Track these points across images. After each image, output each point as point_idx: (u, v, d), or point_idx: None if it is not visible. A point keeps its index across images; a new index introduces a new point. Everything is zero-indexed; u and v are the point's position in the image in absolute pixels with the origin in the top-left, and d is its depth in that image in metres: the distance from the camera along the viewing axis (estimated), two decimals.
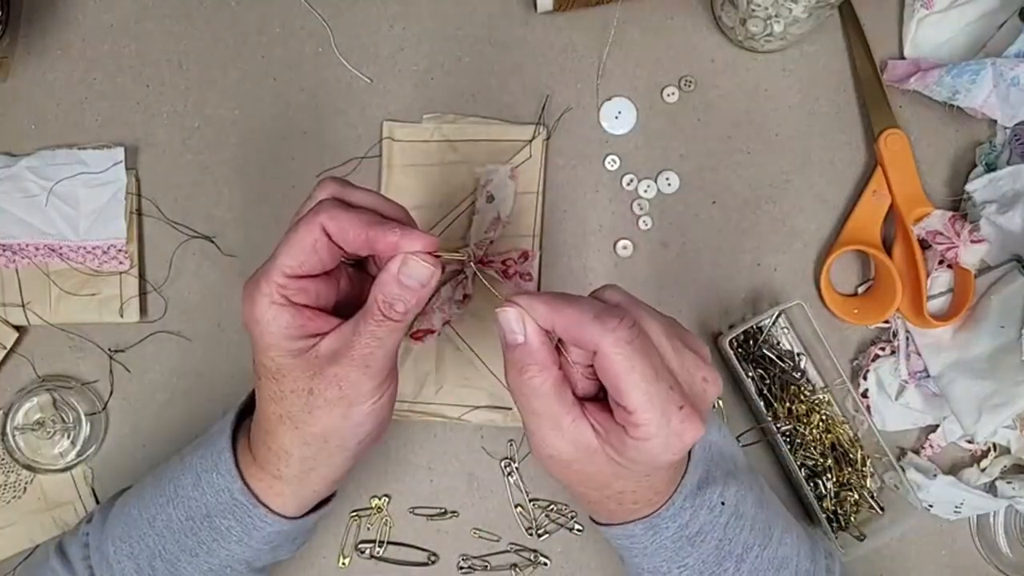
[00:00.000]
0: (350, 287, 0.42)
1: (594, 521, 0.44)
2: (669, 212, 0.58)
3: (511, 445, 0.57)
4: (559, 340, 0.38)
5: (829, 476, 0.54)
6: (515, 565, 0.56)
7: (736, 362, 0.55)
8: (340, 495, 0.57)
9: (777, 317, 0.56)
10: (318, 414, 0.39)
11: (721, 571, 0.41)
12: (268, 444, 0.41)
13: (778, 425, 0.54)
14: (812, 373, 0.57)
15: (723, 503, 0.42)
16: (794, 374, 0.56)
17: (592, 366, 0.36)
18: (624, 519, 0.41)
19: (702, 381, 0.37)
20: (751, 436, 0.56)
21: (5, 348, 0.57)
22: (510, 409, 0.56)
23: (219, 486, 0.42)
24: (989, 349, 0.53)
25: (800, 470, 0.54)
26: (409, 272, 0.38)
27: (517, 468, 0.57)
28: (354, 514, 0.57)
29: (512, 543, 0.57)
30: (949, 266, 0.55)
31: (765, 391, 0.55)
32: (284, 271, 0.38)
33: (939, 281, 0.55)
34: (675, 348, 0.37)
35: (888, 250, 0.56)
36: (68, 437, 0.57)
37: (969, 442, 0.56)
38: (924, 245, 0.55)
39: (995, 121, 0.55)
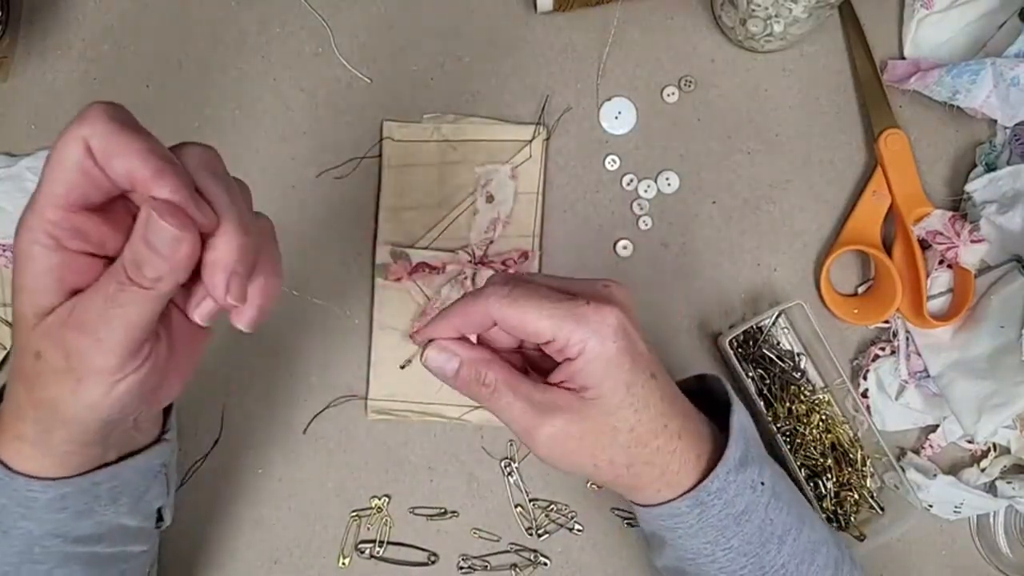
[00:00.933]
0: None
1: (639, 505, 0.42)
2: (669, 212, 0.58)
3: (511, 445, 0.57)
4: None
5: (829, 476, 0.54)
6: (515, 565, 0.56)
7: (736, 362, 0.55)
8: (340, 495, 0.57)
9: (777, 317, 0.56)
10: (44, 381, 0.33)
11: (764, 552, 0.40)
12: (8, 399, 0.36)
13: (778, 425, 0.54)
14: (812, 373, 0.57)
15: (763, 483, 0.41)
16: (794, 374, 0.56)
17: (520, 347, 0.39)
18: (667, 496, 0.40)
19: (602, 288, 0.38)
20: None
21: (5, 348, 0.57)
22: None
23: None
24: (989, 349, 0.53)
25: (800, 470, 0.54)
26: (153, 232, 0.30)
27: (517, 468, 0.57)
28: (354, 514, 0.57)
29: (512, 543, 0.57)
30: (949, 266, 0.55)
31: (765, 391, 0.55)
32: (53, 201, 0.32)
33: (939, 281, 0.55)
34: (562, 281, 0.38)
35: (888, 250, 0.56)
36: None
37: (969, 442, 0.56)
38: (924, 245, 0.55)
39: (995, 121, 0.55)
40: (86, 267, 0.33)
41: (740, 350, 0.56)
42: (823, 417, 0.55)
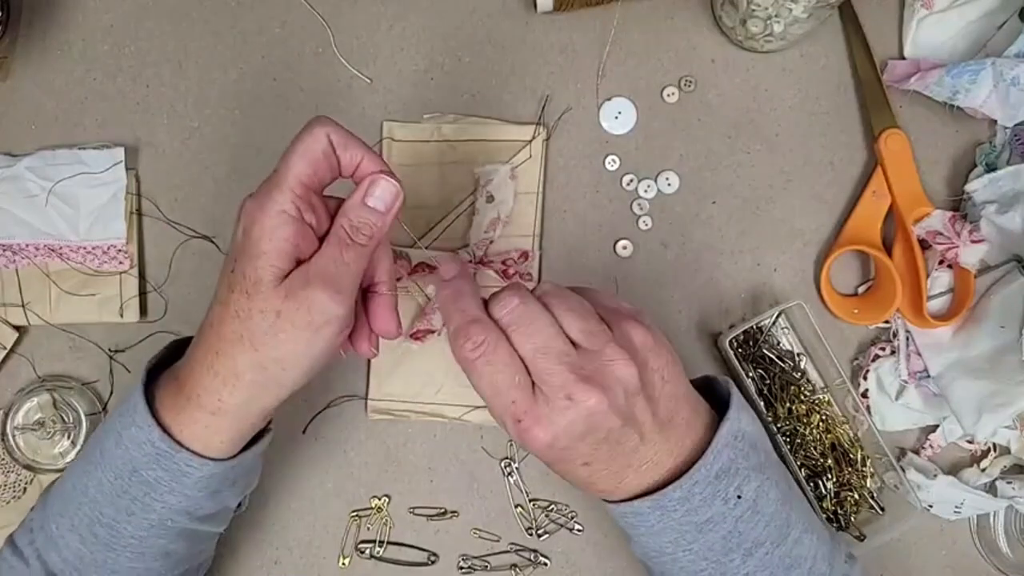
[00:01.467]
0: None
1: (604, 500, 0.43)
2: (669, 212, 0.58)
3: (511, 445, 0.57)
4: None
5: (829, 476, 0.54)
6: (515, 565, 0.56)
7: (736, 362, 0.55)
8: (340, 495, 0.57)
9: (777, 317, 0.56)
10: (282, 337, 0.39)
11: (727, 560, 0.41)
12: (216, 368, 0.40)
13: (778, 425, 0.54)
14: (812, 373, 0.57)
15: (739, 496, 0.41)
16: (794, 374, 0.56)
17: None
18: (629, 494, 0.41)
19: (607, 362, 0.38)
20: None
21: (5, 348, 0.57)
22: None
23: (139, 438, 0.41)
24: (989, 349, 0.53)
25: (800, 470, 0.54)
26: (376, 193, 0.41)
27: (517, 468, 0.57)
28: (354, 514, 0.57)
29: (512, 543, 0.57)
30: (949, 266, 0.55)
31: (765, 391, 0.55)
32: (301, 179, 0.39)
33: (939, 281, 0.55)
34: (578, 314, 0.39)
35: (888, 250, 0.56)
36: (68, 437, 0.57)
37: (969, 442, 0.56)
38: (924, 245, 0.55)
39: (995, 121, 0.55)
40: (311, 240, 0.40)
41: (740, 350, 0.56)
42: (823, 417, 0.55)
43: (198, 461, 0.41)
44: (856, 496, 0.55)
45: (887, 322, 0.57)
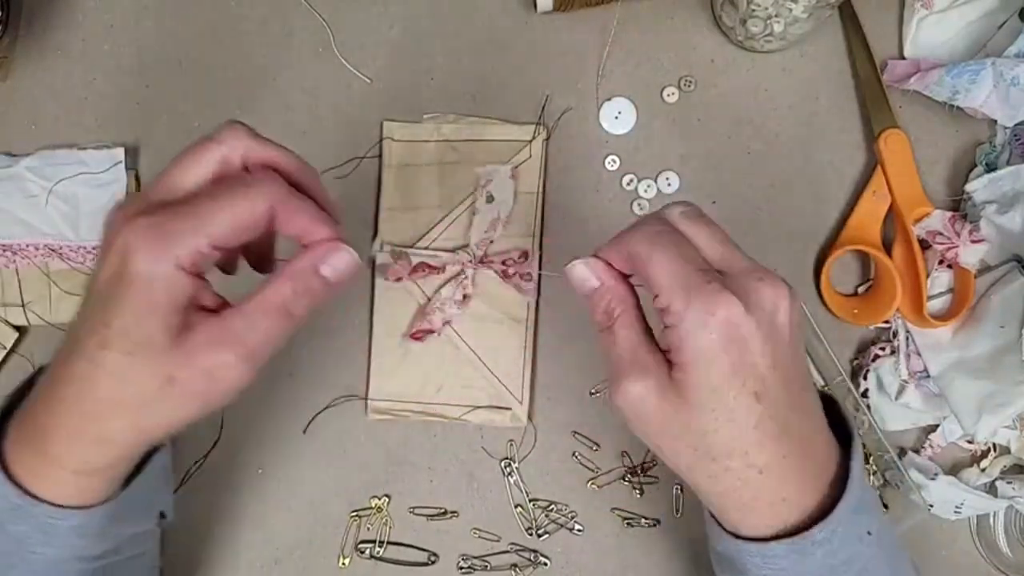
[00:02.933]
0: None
1: (729, 533, 0.37)
2: None
3: (511, 445, 0.57)
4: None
5: None
6: (515, 565, 0.56)
7: None
8: (340, 495, 0.57)
9: None
10: (172, 405, 0.34)
11: None
12: (85, 431, 0.34)
13: None
14: (812, 372, 0.57)
15: (870, 532, 0.36)
16: None
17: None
18: (764, 529, 0.35)
19: (756, 279, 0.34)
20: None
21: (5, 348, 0.57)
22: (510, 409, 0.56)
23: None
24: (989, 349, 0.53)
25: None
26: (334, 263, 0.35)
27: (517, 468, 0.57)
28: (354, 514, 0.57)
29: (512, 543, 0.57)
30: (949, 266, 0.55)
31: None
32: (212, 241, 0.33)
33: (939, 281, 0.55)
34: (724, 246, 0.36)
35: (888, 250, 0.56)
36: None
37: (969, 442, 0.56)
38: (924, 245, 0.55)
39: (995, 121, 0.55)
40: (202, 289, 0.35)
41: None
42: None
43: (62, 513, 0.36)
44: None
45: (887, 322, 0.57)
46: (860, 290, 0.58)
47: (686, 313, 0.33)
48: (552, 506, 0.57)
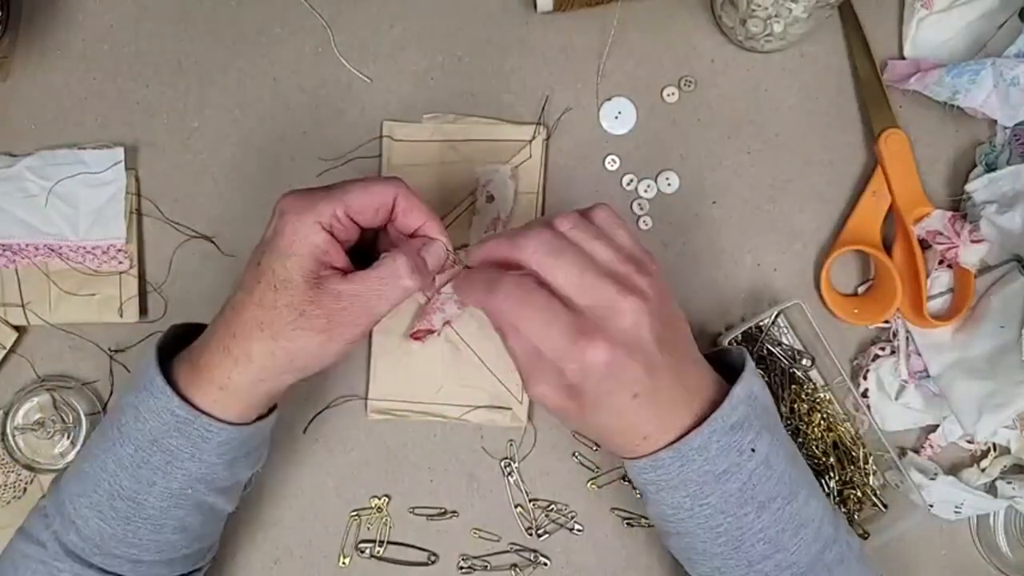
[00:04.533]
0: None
1: (622, 458, 0.45)
2: (669, 212, 0.58)
3: (511, 445, 0.57)
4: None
5: (832, 475, 0.54)
6: (515, 565, 0.56)
7: None
8: (340, 495, 0.57)
9: (776, 317, 0.56)
10: (300, 334, 0.42)
11: (742, 513, 0.42)
12: (230, 348, 0.43)
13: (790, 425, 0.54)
14: (812, 372, 0.57)
15: (753, 450, 0.42)
16: (794, 373, 0.56)
17: None
18: (651, 450, 0.43)
19: (611, 311, 0.40)
20: None
21: (5, 348, 0.57)
22: (510, 409, 0.56)
23: (158, 408, 0.43)
24: (989, 349, 0.53)
25: None
26: (431, 252, 0.45)
27: (517, 468, 0.57)
28: (354, 514, 0.57)
29: (512, 543, 0.57)
30: (949, 266, 0.55)
31: None
32: (350, 206, 0.43)
33: (939, 281, 0.55)
34: (579, 280, 0.41)
35: (888, 250, 0.56)
36: (68, 437, 0.57)
37: (969, 442, 0.56)
38: (924, 245, 0.55)
39: (995, 121, 0.55)
40: (340, 254, 0.43)
41: None
42: (824, 416, 0.55)
43: (217, 425, 0.43)
44: (859, 494, 0.55)
45: (887, 322, 0.57)
46: (860, 290, 0.58)
47: (566, 368, 0.40)
48: (552, 506, 0.57)
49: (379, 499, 0.57)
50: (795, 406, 0.55)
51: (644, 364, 0.41)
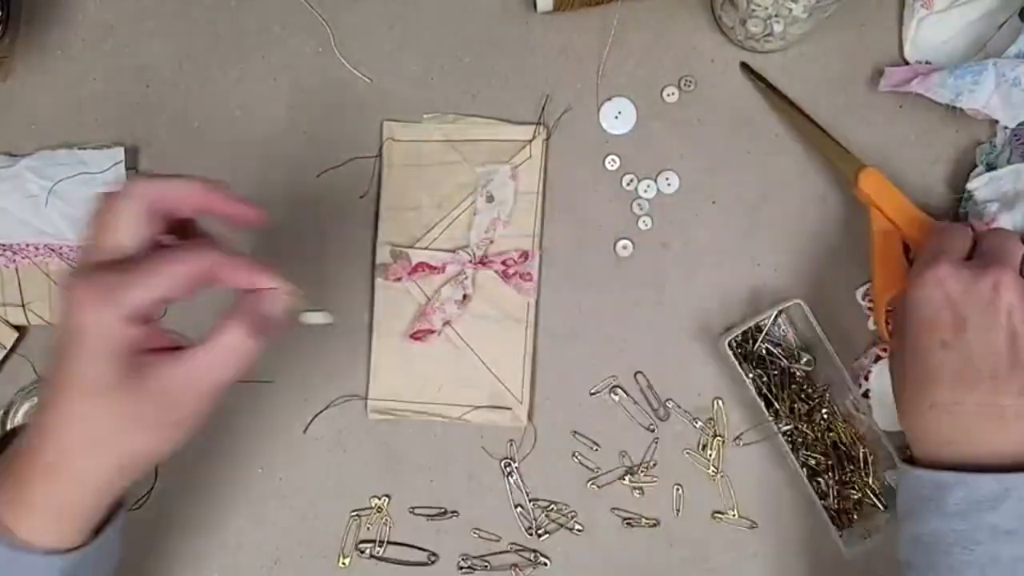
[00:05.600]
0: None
1: (905, 463, 0.44)
2: (669, 212, 0.58)
3: (511, 445, 0.57)
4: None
5: (832, 475, 0.54)
6: (515, 565, 0.56)
7: (736, 362, 0.55)
8: (340, 495, 0.57)
9: (776, 317, 0.56)
10: (135, 439, 0.37)
11: None
12: (58, 474, 0.37)
13: (779, 424, 0.54)
14: (812, 372, 0.57)
15: None
16: (794, 373, 0.56)
17: None
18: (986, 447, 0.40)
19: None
20: (752, 436, 0.56)
21: (5, 348, 0.57)
22: (510, 409, 0.56)
23: None
24: None
25: (802, 469, 0.54)
26: (273, 303, 0.40)
27: (517, 468, 0.57)
28: (354, 514, 0.57)
29: (512, 543, 0.57)
30: None
31: (765, 391, 0.55)
32: (156, 298, 0.36)
33: None
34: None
35: None
36: None
37: None
38: None
39: (995, 121, 0.55)
40: (155, 334, 0.39)
41: (740, 350, 0.56)
42: (824, 416, 0.55)
43: (44, 558, 0.37)
44: (859, 494, 0.55)
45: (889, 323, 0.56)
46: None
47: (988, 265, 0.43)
48: (552, 506, 0.57)
49: (379, 499, 0.57)
50: (795, 406, 0.55)
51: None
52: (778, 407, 0.55)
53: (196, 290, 0.38)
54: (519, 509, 0.57)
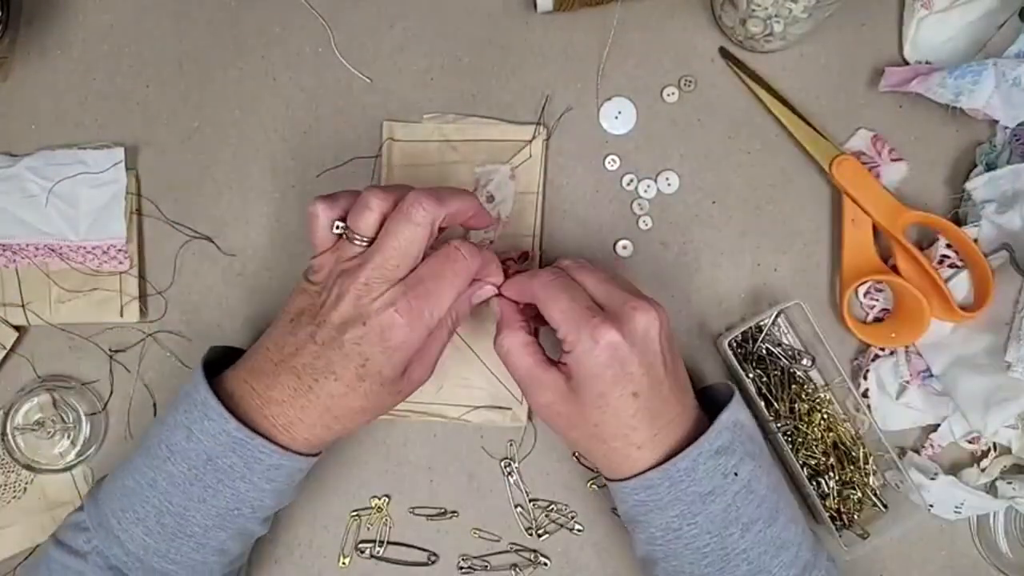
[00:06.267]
0: None
1: (610, 480, 0.47)
2: (669, 212, 0.58)
3: (511, 445, 0.57)
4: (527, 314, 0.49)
5: (832, 475, 0.54)
6: (515, 565, 0.56)
7: (735, 362, 0.55)
8: (340, 495, 0.57)
9: (776, 317, 0.56)
10: (396, 400, 0.47)
11: (726, 534, 0.45)
12: (328, 424, 0.46)
13: (779, 424, 0.54)
14: (813, 372, 0.57)
15: (736, 474, 0.45)
16: (794, 373, 0.56)
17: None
18: (641, 468, 0.45)
19: (630, 309, 0.45)
20: None
21: (5, 348, 0.57)
22: (510, 409, 0.56)
23: (214, 430, 0.45)
24: (989, 345, 0.53)
25: (803, 469, 0.54)
26: (481, 295, 0.50)
27: (517, 468, 0.57)
28: (354, 514, 0.57)
29: (512, 543, 0.57)
30: (952, 265, 0.55)
31: (765, 391, 0.55)
32: (447, 307, 0.46)
33: (959, 283, 0.55)
34: (605, 285, 0.47)
35: (890, 263, 0.56)
36: (68, 437, 0.57)
37: (969, 442, 0.56)
38: (920, 247, 0.55)
39: (995, 121, 0.55)
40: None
41: (740, 350, 0.56)
42: (824, 416, 0.55)
43: (270, 447, 0.45)
44: (859, 494, 0.55)
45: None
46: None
47: (577, 343, 0.44)
48: (552, 506, 0.57)
49: (379, 499, 0.57)
50: (795, 406, 0.55)
51: (647, 367, 0.44)
52: (778, 407, 0.55)
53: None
54: (519, 509, 0.57)
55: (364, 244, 0.45)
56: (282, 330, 0.46)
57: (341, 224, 0.46)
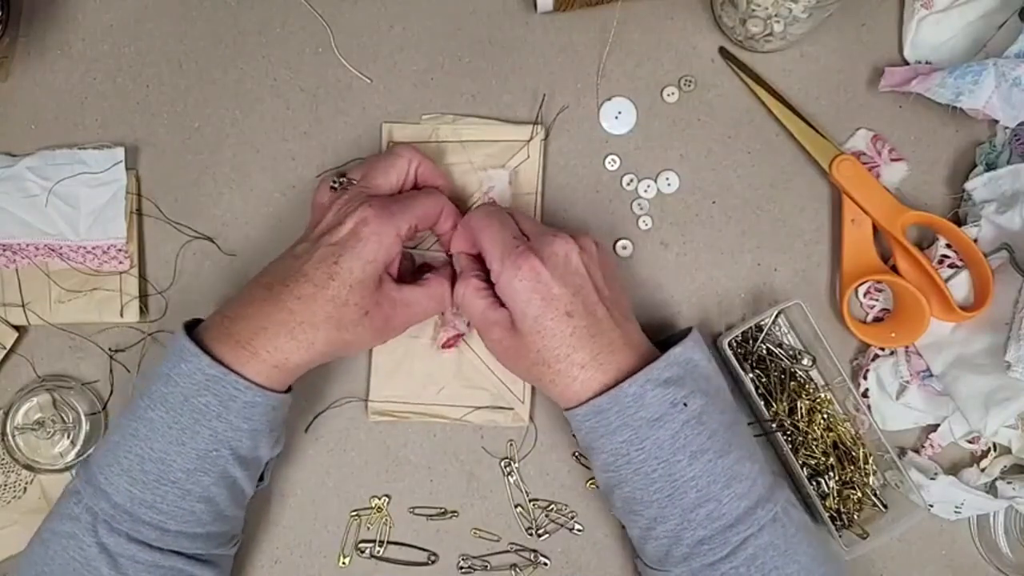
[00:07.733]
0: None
1: (566, 411, 0.49)
2: (669, 212, 0.58)
3: (511, 445, 0.57)
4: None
5: (831, 475, 0.54)
6: (515, 565, 0.56)
7: (736, 362, 0.55)
8: (340, 495, 0.57)
9: (776, 317, 0.56)
10: (361, 331, 0.48)
11: (674, 460, 0.45)
12: (296, 335, 0.46)
13: (779, 424, 0.54)
14: (813, 372, 0.57)
15: (685, 404, 0.46)
16: (794, 373, 0.56)
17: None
18: (590, 392, 0.46)
19: (551, 236, 0.48)
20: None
21: (5, 348, 0.57)
22: (511, 409, 0.56)
23: (188, 370, 0.45)
24: (988, 344, 0.53)
25: (803, 469, 0.54)
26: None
27: (517, 468, 0.57)
28: (354, 514, 0.57)
29: (512, 543, 0.57)
30: (952, 265, 0.55)
31: (765, 391, 0.55)
32: (420, 219, 0.50)
33: (959, 283, 0.55)
34: (533, 225, 0.50)
35: (890, 263, 0.56)
36: (68, 437, 0.57)
37: (969, 442, 0.56)
38: (920, 247, 0.55)
39: (995, 121, 0.55)
40: (397, 260, 0.51)
41: (740, 350, 0.56)
42: (824, 416, 0.55)
43: (244, 384, 0.45)
44: (859, 494, 0.55)
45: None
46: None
47: (501, 272, 0.47)
48: (552, 506, 0.57)
49: (379, 499, 0.57)
50: (795, 406, 0.55)
51: (574, 288, 0.47)
52: (778, 407, 0.55)
53: (429, 226, 0.53)
54: (519, 509, 0.57)
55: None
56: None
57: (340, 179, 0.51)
